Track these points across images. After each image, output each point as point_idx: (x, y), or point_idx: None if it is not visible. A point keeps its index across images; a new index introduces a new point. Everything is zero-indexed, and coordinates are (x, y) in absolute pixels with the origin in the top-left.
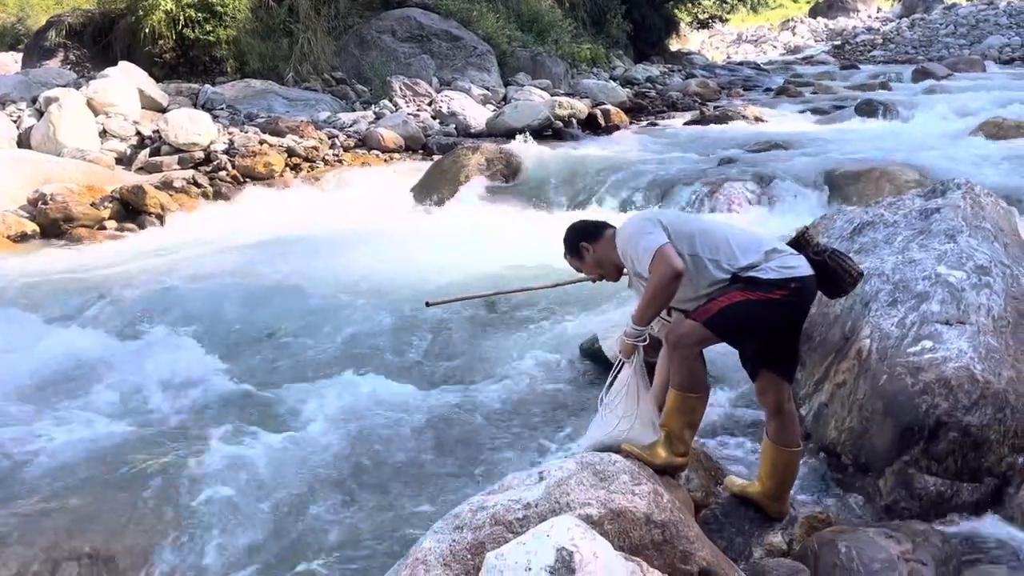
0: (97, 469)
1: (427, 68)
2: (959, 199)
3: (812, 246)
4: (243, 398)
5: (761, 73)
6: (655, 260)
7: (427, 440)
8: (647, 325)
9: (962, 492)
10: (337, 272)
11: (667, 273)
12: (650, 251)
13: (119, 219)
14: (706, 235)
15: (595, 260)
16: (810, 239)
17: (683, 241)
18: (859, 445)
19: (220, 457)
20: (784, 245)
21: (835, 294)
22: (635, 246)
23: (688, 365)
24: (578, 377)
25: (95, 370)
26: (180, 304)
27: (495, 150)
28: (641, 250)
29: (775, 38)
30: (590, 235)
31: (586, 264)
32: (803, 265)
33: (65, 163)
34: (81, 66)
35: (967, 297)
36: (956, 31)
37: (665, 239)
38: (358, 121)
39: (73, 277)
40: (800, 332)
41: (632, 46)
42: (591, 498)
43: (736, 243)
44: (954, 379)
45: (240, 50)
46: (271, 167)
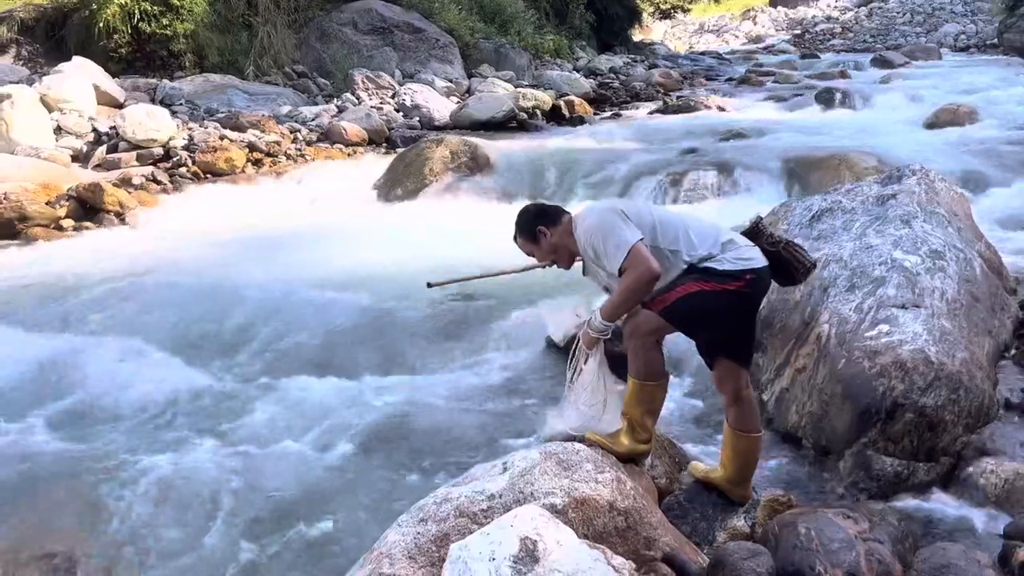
0: (57, 472)
1: (389, 61)
2: (914, 185)
3: (766, 236)
4: (205, 397)
5: (723, 63)
6: (631, 258)
7: (391, 434)
8: (614, 321)
9: (918, 472)
10: (300, 268)
11: (645, 275)
12: (622, 248)
13: (76, 218)
14: (665, 226)
15: (551, 245)
16: (764, 229)
17: (645, 231)
18: (819, 428)
19: (182, 458)
20: (740, 236)
21: (789, 283)
22: (603, 239)
23: (644, 354)
24: (544, 368)
25: (51, 372)
26: (140, 303)
27: (460, 143)
28: (612, 246)
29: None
30: (548, 219)
31: (540, 249)
32: (758, 257)
33: (19, 161)
34: (34, 62)
35: (922, 281)
36: (913, 19)
37: (638, 235)
38: (320, 115)
39: (28, 277)
40: (755, 320)
41: (595, 37)
42: (555, 487)
43: (694, 233)
44: (910, 362)
45: (198, 44)
46: (232, 163)
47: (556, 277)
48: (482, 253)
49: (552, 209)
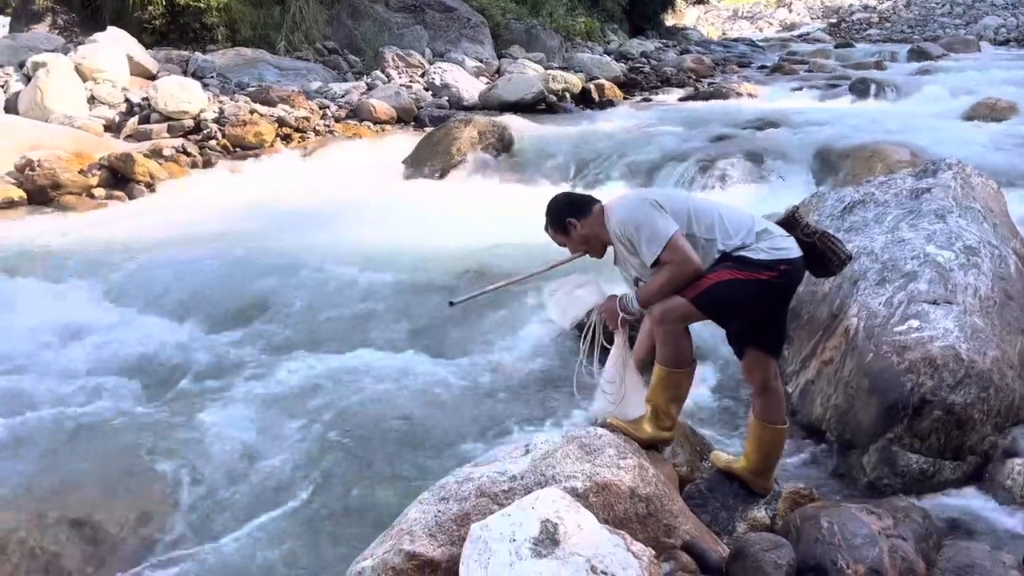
0: (83, 436)
1: (420, 39)
2: (950, 179)
3: (802, 227)
4: (230, 367)
5: (756, 50)
6: (668, 250)
7: (414, 413)
8: (647, 308)
9: (944, 470)
10: (326, 243)
11: (686, 269)
12: (660, 239)
13: (107, 187)
14: (699, 214)
15: (582, 236)
16: (800, 219)
17: (680, 221)
18: (844, 422)
19: (205, 426)
20: (774, 225)
21: (823, 274)
22: (637, 230)
23: (674, 340)
24: (566, 351)
25: (81, 337)
26: (168, 273)
27: (488, 123)
28: (646, 238)
29: (771, 15)
30: (578, 210)
31: (571, 240)
32: (793, 247)
33: (53, 129)
34: (69, 31)
35: (955, 277)
36: (952, 11)
37: (674, 226)
38: (350, 92)
39: (60, 244)
40: (787, 311)
41: (627, 20)
42: (576, 471)
43: (729, 222)
44: (939, 358)
45: (231, 18)
46: (261, 137)
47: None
48: (506, 234)
49: (581, 199)
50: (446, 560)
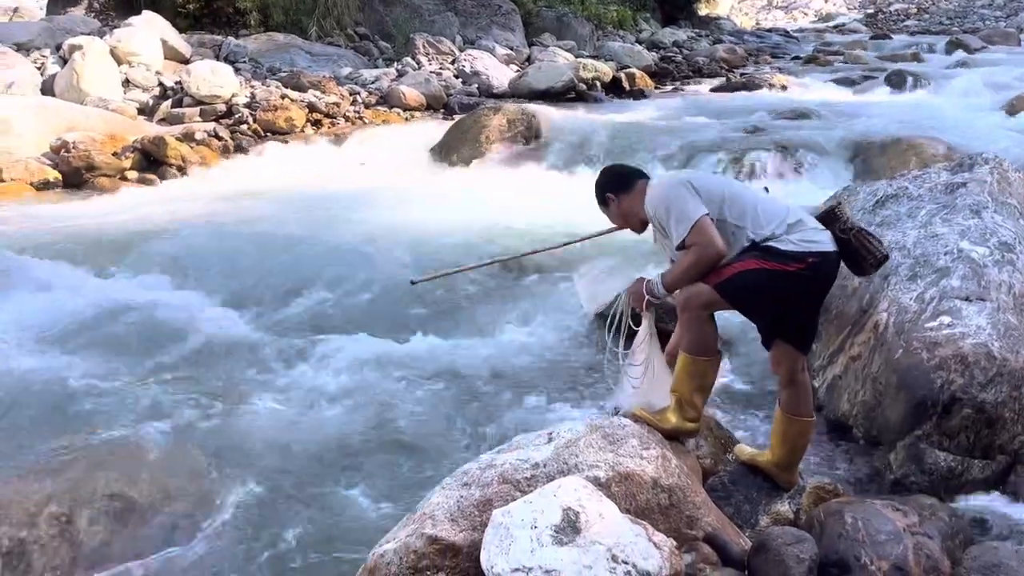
0: (116, 415)
1: (451, 26)
2: (986, 174)
3: (841, 222)
4: (257, 351)
5: (790, 40)
6: (694, 233)
7: (438, 399)
8: (672, 292)
9: (973, 469)
10: (355, 229)
11: (710, 252)
12: (684, 222)
13: (140, 169)
14: (735, 200)
15: (621, 212)
16: (840, 215)
17: (713, 206)
18: (871, 418)
19: (234, 408)
20: (810, 217)
21: (858, 273)
22: (667, 211)
23: (697, 327)
24: (590, 339)
25: (114, 318)
26: (198, 255)
27: (517, 111)
28: (674, 219)
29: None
30: (618, 185)
31: (611, 214)
32: (825, 240)
33: (88, 111)
34: (105, 14)
35: (989, 274)
36: (992, 3)
37: (703, 210)
38: (380, 78)
39: (95, 225)
40: (819, 306)
41: (660, 9)
42: (599, 460)
43: (763, 211)
44: (971, 355)
45: (264, 3)
46: (292, 122)
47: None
48: (533, 221)
49: (626, 174)
50: (467, 545)
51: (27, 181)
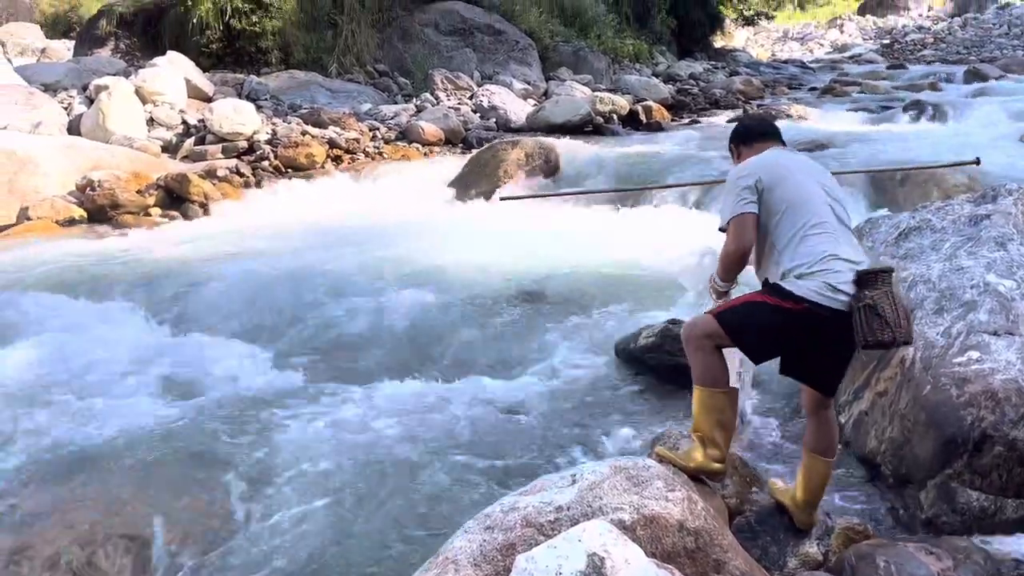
0: (137, 453)
1: (469, 62)
2: (1011, 205)
3: (866, 288)
4: (280, 388)
5: (807, 71)
6: (731, 227)
7: (459, 437)
8: (727, 283)
9: (1007, 508)
10: (376, 264)
11: (731, 250)
12: (726, 214)
13: (163, 206)
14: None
15: (736, 164)
16: (870, 279)
17: (767, 208)
18: (900, 456)
19: (255, 446)
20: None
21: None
22: (726, 190)
23: (702, 358)
24: (612, 378)
25: (137, 355)
26: (221, 292)
27: (534, 145)
28: (724, 203)
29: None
30: (742, 138)
31: (733, 164)
32: (828, 295)
33: (113, 150)
34: (131, 55)
35: (1017, 307)
36: (1010, 31)
37: (751, 208)
38: (399, 114)
39: (117, 262)
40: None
41: (676, 42)
42: (624, 503)
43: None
44: (1001, 391)
45: (285, 41)
46: (313, 158)
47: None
48: (553, 255)
49: (754, 131)
50: None
51: (53, 219)
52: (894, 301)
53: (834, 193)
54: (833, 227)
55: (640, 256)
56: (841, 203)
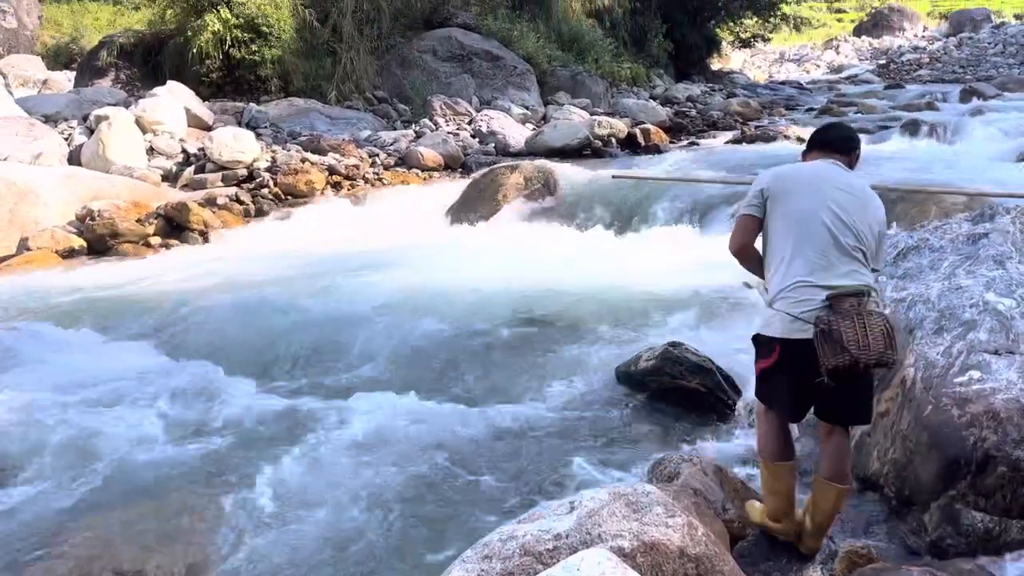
0: (133, 484)
1: (467, 87)
2: (1008, 224)
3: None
4: (279, 415)
5: (804, 92)
6: (734, 227)
7: (456, 464)
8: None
9: (1011, 529)
10: (376, 289)
11: (732, 251)
12: (736, 214)
13: (163, 235)
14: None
15: None
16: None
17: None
18: (903, 478)
19: (254, 474)
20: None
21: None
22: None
23: (761, 426)
24: (612, 402)
25: (135, 385)
26: (221, 319)
27: (533, 169)
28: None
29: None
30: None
31: None
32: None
33: (113, 179)
34: (131, 85)
35: (1017, 326)
36: (1005, 50)
37: (752, 211)
38: (398, 140)
39: (116, 292)
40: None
41: (673, 65)
42: (623, 530)
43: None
44: (1003, 411)
45: (284, 69)
46: (312, 185)
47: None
48: (553, 278)
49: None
50: None
51: (52, 249)
52: (861, 322)
53: (846, 213)
54: (821, 249)
55: (639, 279)
56: (851, 224)
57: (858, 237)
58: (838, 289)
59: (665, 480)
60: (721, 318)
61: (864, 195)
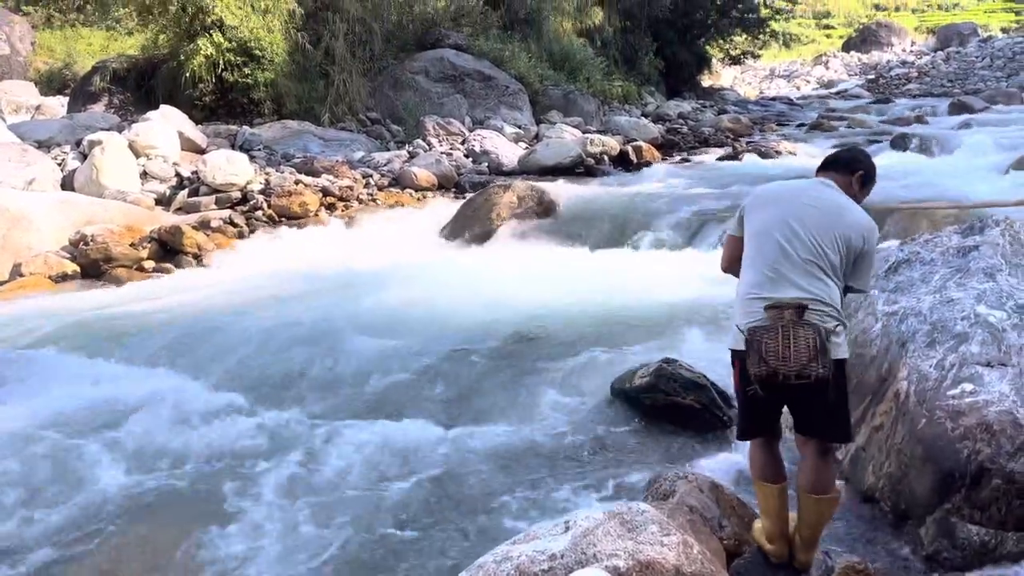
0: (128, 509)
1: (460, 107)
2: (998, 236)
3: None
4: (270, 438)
5: (794, 108)
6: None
7: (452, 484)
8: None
9: (1007, 542)
10: (369, 311)
11: (721, 266)
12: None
13: (157, 259)
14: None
15: None
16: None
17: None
18: (898, 491)
19: (243, 497)
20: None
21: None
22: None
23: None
24: (607, 420)
25: (129, 409)
26: (213, 343)
27: (527, 188)
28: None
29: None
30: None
31: None
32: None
33: (107, 204)
34: (124, 110)
35: (1008, 338)
36: (992, 64)
37: (732, 231)
38: (392, 160)
39: (109, 317)
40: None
41: (664, 82)
42: (618, 549)
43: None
44: (996, 424)
45: (277, 92)
46: (306, 207)
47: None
48: (547, 297)
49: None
50: None
51: (46, 274)
52: (786, 334)
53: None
54: (770, 262)
55: (633, 296)
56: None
57: (815, 250)
58: (775, 301)
59: (661, 498)
60: (715, 334)
61: (834, 209)
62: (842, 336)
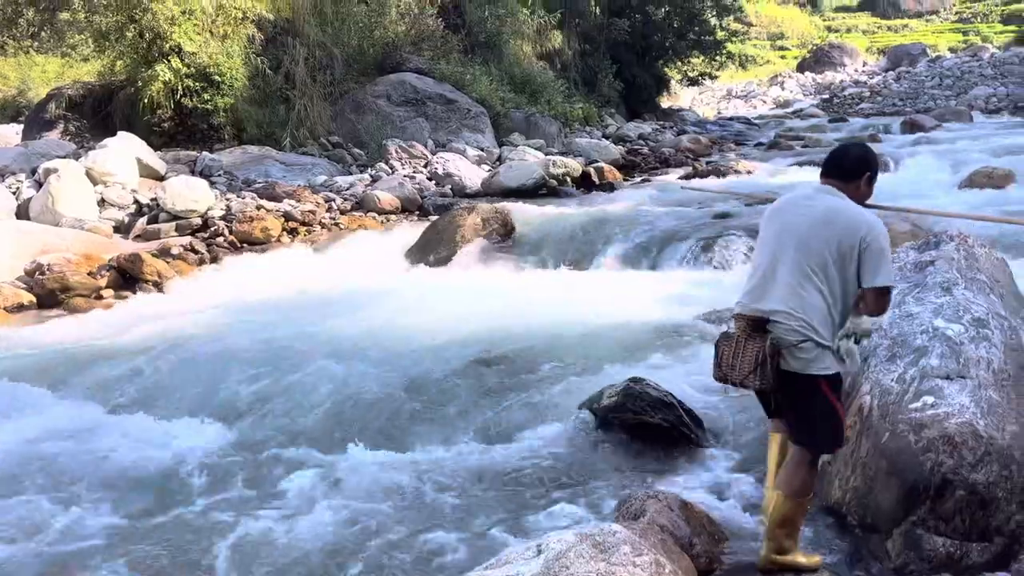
0: (88, 548)
1: (422, 131)
2: (953, 251)
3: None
4: (235, 468)
5: (752, 128)
6: None
7: (421, 510)
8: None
9: (972, 552)
10: (334, 336)
11: None
12: None
13: (116, 287)
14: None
15: None
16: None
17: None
18: (864, 505)
19: (209, 531)
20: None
21: None
22: None
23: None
24: (576, 441)
25: (86, 442)
26: (174, 371)
27: (491, 210)
28: None
29: (764, 93)
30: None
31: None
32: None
33: (63, 233)
34: (81, 137)
35: (966, 351)
36: (942, 83)
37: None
38: (355, 184)
39: (66, 347)
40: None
41: (624, 104)
42: (591, 570)
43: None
44: (957, 435)
45: (238, 117)
46: (268, 232)
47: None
48: (512, 318)
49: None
50: None
51: (1, 306)
52: (739, 346)
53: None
54: (762, 276)
55: (599, 316)
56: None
57: (800, 262)
58: (743, 311)
59: (631, 518)
60: (680, 352)
61: (823, 217)
62: (813, 352)
